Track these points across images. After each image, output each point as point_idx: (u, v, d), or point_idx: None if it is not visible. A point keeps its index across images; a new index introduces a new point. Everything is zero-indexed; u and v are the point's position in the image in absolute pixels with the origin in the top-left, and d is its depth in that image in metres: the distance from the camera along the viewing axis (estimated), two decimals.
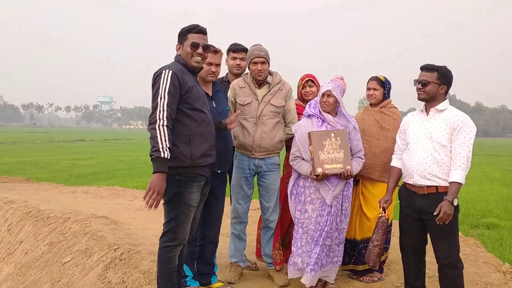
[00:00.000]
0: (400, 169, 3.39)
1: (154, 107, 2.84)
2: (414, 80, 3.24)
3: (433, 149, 3.14)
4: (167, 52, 3.18)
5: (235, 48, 4.16)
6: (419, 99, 3.25)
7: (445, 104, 3.20)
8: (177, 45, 3.09)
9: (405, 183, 3.31)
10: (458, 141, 3.08)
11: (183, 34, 3.05)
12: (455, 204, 2.99)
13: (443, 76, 3.18)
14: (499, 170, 18.87)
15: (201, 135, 3.00)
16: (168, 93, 2.82)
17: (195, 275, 3.56)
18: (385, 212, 3.39)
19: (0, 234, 6.51)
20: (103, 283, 3.97)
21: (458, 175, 3.02)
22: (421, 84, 3.18)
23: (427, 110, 3.26)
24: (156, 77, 2.91)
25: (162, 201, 2.98)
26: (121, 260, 4.22)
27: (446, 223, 2.99)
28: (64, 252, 4.99)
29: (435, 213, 2.99)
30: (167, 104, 2.81)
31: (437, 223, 2.98)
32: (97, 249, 4.66)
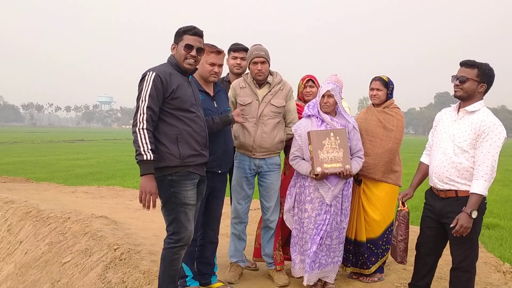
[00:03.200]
0: (427, 166, 3.28)
1: (136, 110, 2.90)
2: (452, 76, 3.04)
3: (453, 153, 2.99)
4: (167, 52, 3.17)
5: (236, 48, 4.16)
6: (455, 96, 3.05)
7: (477, 105, 3.00)
8: (172, 44, 3.10)
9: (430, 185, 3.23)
10: (482, 149, 2.89)
11: (179, 35, 3.06)
12: (474, 216, 2.83)
13: (484, 74, 2.97)
14: (499, 170, 18.72)
15: (189, 135, 3.00)
16: (149, 96, 2.86)
17: (195, 275, 3.56)
18: (404, 206, 3.32)
19: (0, 234, 6.51)
20: (103, 283, 3.97)
21: (480, 187, 2.85)
22: (459, 80, 2.98)
23: (459, 109, 3.08)
24: (141, 79, 2.94)
25: (160, 204, 2.99)
26: (121, 260, 4.22)
27: (464, 235, 2.88)
28: (64, 252, 4.99)
29: (451, 225, 2.88)
30: (147, 107, 2.85)
31: (454, 234, 2.89)
32: (97, 249, 4.66)
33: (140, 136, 2.82)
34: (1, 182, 11.04)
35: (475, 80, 2.97)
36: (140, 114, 2.85)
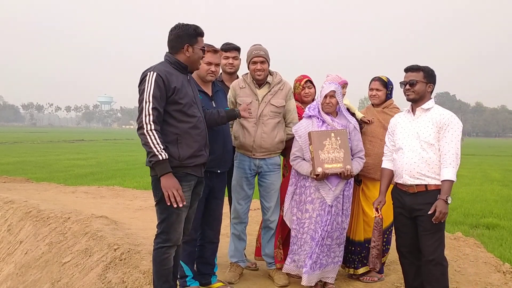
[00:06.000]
0: (391, 171, 3.41)
1: (140, 111, 2.86)
2: (400, 82, 3.28)
3: (421, 149, 3.17)
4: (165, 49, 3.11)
5: (227, 48, 4.15)
6: (408, 99, 3.29)
7: (430, 103, 3.24)
8: (186, 45, 3.00)
9: (396, 183, 3.35)
10: (446, 139, 3.11)
11: (193, 36, 3.02)
12: (449, 202, 3.03)
13: (429, 75, 3.23)
14: (499, 170, 18.87)
15: (189, 135, 2.99)
16: (153, 97, 2.83)
17: (195, 275, 3.56)
18: (378, 213, 3.40)
19: (0, 234, 6.52)
20: (103, 283, 3.97)
21: (450, 173, 3.06)
22: (409, 84, 3.22)
23: (413, 110, 3.29)
24: (142, 79, 2.91)
25: (154, 203, 2.99)
26: (121, 260, 4.22)
27: (442, 221, 3.03)
28: (64, 252, 4.99)
29: (430, 212, 3.02)
30: (152, 108, 2.83)
31: (434, 222, 3.03)
32: (97, 249, 4.66)
33: (151, 138, 2.81)
34: (1, 182, 11.03)
35: (423, 81, 3.22)
36: (146, 116, 2.82)
